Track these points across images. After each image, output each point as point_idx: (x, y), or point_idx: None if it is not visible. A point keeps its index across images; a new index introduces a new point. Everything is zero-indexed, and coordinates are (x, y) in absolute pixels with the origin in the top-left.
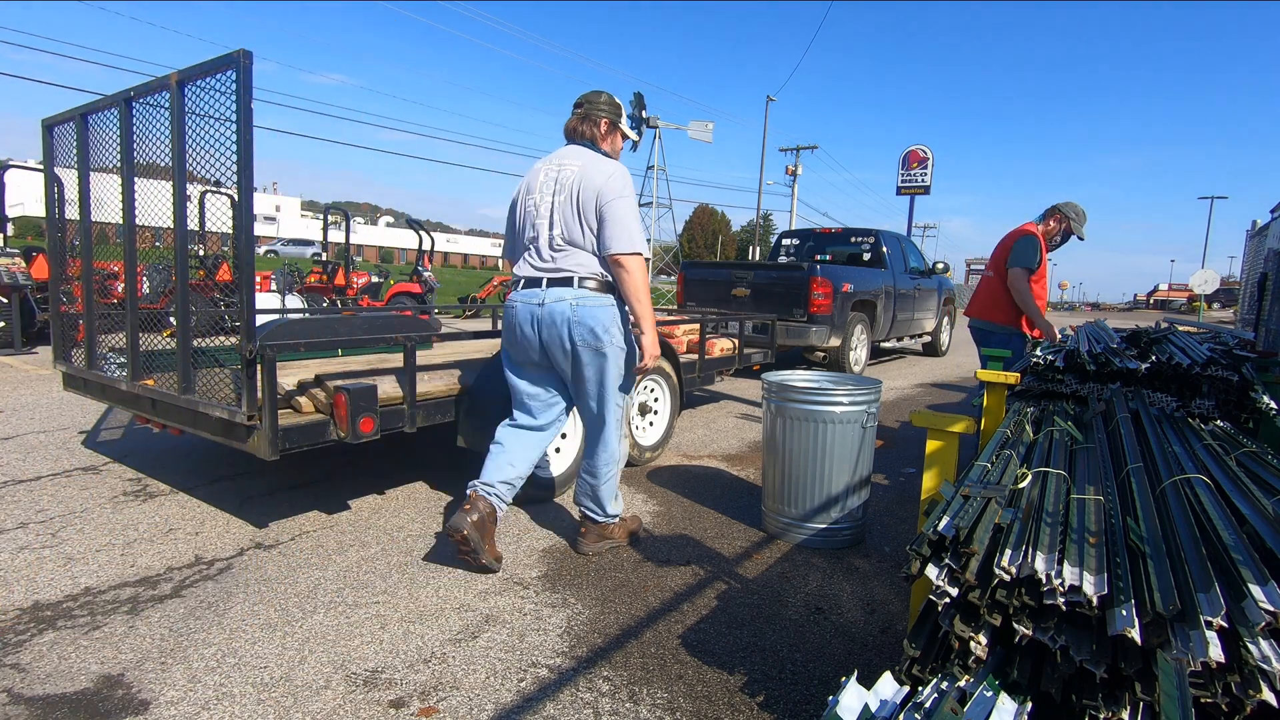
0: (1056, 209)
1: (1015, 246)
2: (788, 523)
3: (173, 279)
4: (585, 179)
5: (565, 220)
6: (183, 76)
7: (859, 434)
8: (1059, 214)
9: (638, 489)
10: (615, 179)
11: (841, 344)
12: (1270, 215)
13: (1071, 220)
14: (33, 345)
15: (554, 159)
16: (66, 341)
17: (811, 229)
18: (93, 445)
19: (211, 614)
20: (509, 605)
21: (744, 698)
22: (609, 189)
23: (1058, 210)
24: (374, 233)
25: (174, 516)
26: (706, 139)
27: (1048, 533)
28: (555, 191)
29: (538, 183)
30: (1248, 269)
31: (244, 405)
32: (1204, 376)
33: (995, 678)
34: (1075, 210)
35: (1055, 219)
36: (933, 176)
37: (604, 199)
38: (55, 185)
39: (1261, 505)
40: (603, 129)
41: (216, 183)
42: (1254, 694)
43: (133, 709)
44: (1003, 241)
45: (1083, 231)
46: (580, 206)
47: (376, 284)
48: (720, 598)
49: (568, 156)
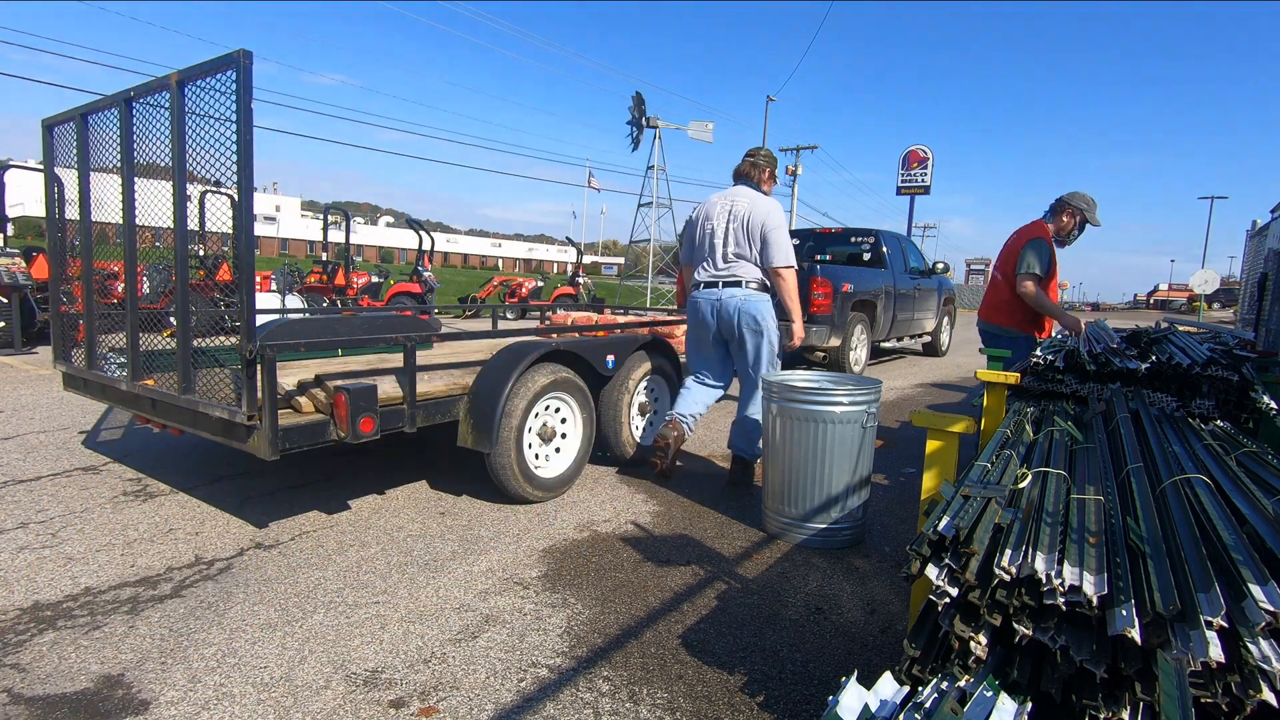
0: (1065, 203)
1: (1022, 254)
2: (788, 523)
3: (173, 279)
4: (754, 211)
5: (737, 240)
6: (183, 76)
7: (859, 434)
8: (1069, 208)
9: (638, 489)
10: (775, 213)
11: (841, 344)
12: (1270, 215)
13: (1084, 210)
14: (33, 345)
15: (729, 195)
16: (66, 341)
17: (811, 229)
18: (93, 445)
19: (211, 614)
20: (509, 605)
21: (744, 698)
22: (770, 221)
23: (1067, 205)
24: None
25: (174, 516)
26: (706, 139)
27: (1048, 533)
28: (730, 219)
29: (715, 211)
30: (1248, 269)
31: (244, 405)
32: (1204, 376)
33: (995, 678)
34: (1084, 200)
35: (1067, 214)
36: (933, 176)
37: (767, 227)
38: (55, 185)
39: (1261, 505)
40: (765, 175)
41: (216, 183)
42: (1254, 694)
43: (133, 709)
44: (1010, 243)
45: (1096, 217)
46: (749, 231)
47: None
48: (720, 598)
49: (739, 194)
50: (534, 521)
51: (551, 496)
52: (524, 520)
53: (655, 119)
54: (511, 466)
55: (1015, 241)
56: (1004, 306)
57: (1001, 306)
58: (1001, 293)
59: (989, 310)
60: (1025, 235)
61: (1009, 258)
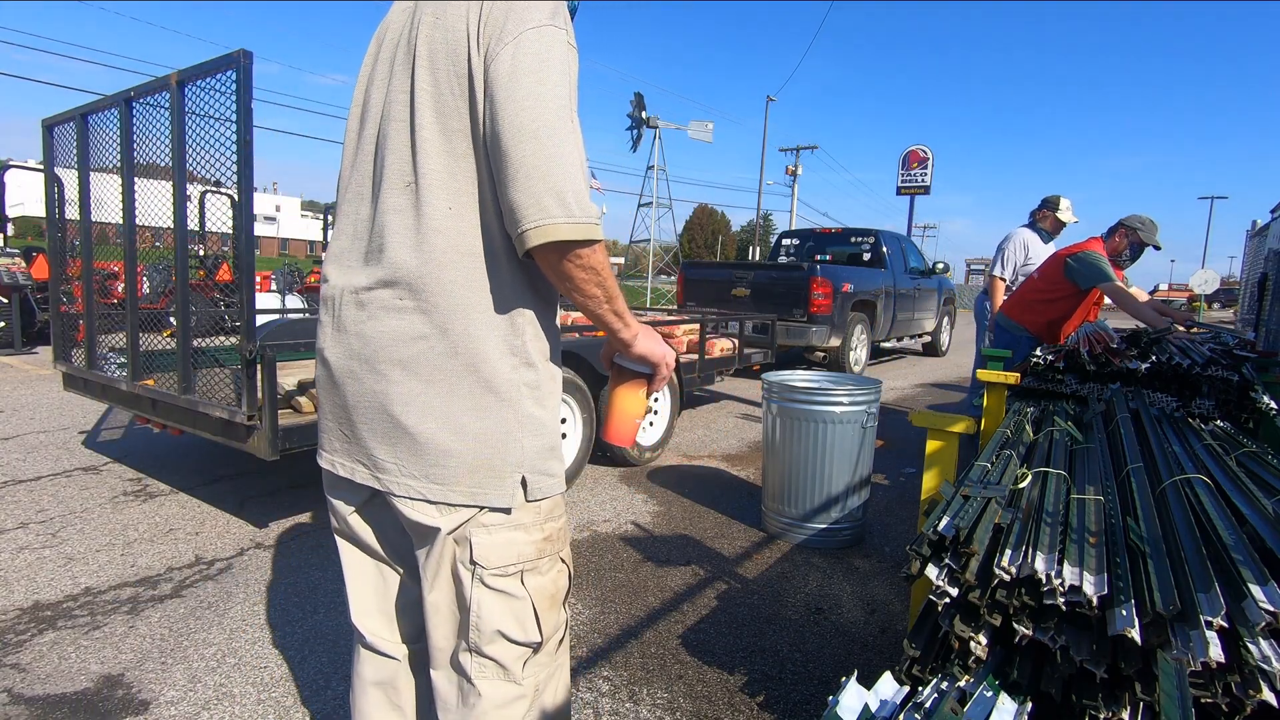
0: (1121, 224)
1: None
2: (788, 523)
3: (173, 279)
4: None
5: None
6: (183, 76)
7: (859, 434)
8: (1124, 228)
9: (638, 489)
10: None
11: (841, 344)
12: (1270, 215)
13: (1140, 231)
14: (33, 345)
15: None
16: (66, 341)
17: (811, 229)
18: (93, 445)
19: (211, 614)
20: None
21: (744, 698)
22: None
23: (1122, 225)
24: None
25: (174, 516)
26: (706, 139)
27: (1048, 533)
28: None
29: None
30: (1248, 269)
31: (244, 405)
32: (1204, 377)
33: (995, 678)
34: (1143, 221)
35: (1120, 234)
36: (933, 176)
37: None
38: (55, 185)
39: (1261, 505)
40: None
41: (216, 183)
42: (1254, 694)
43: (133, 709)
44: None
45: (1156, 239)
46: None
47: None
48: (720, 598)
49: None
50: None
51: None
52: None
53: (655, 119)
54: None
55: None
56: (1029, 307)
57: (1026, 306)
58: (1030, 294)
59: (1013, 306)
60: (1083, 248)
61: (1056, 265)
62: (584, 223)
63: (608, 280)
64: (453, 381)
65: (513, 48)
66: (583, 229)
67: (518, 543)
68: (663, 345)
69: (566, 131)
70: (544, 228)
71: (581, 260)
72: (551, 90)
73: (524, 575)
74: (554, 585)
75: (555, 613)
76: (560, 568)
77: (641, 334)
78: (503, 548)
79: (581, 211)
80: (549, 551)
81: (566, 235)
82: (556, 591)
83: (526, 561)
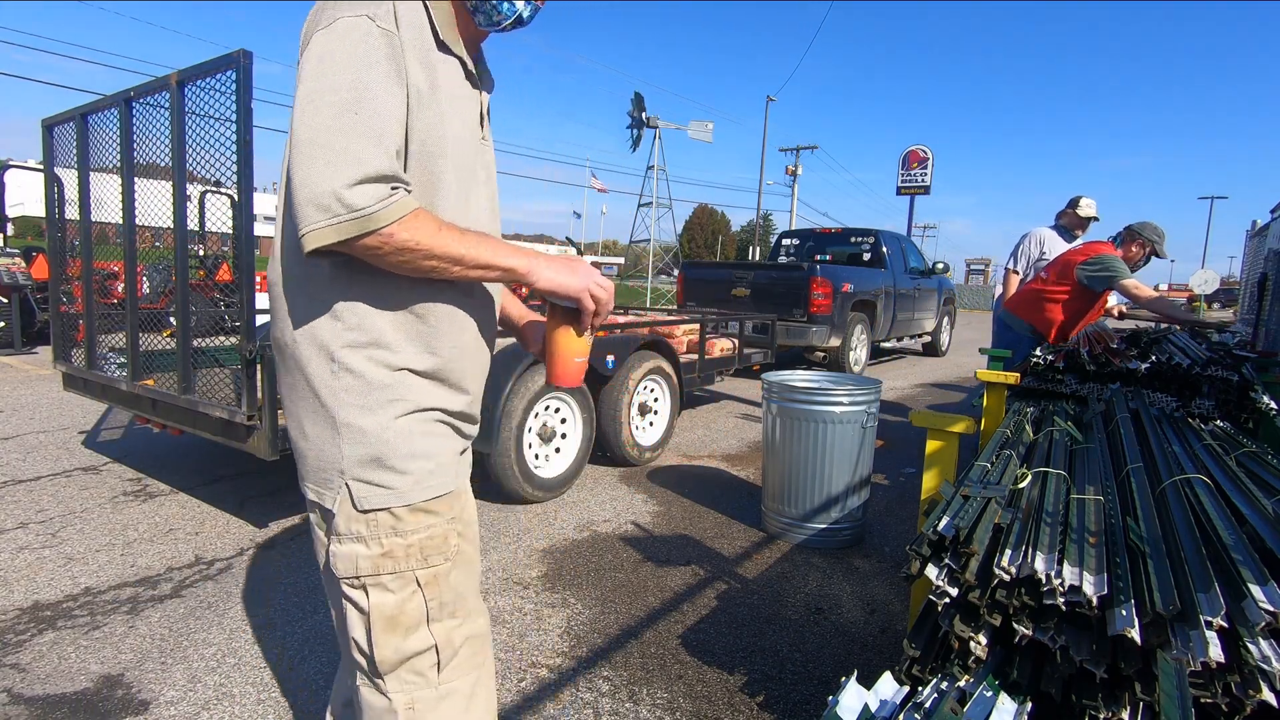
0: (1135, 234)
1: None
2: (788, 523)
3: (173, 279)
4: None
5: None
6: (183, 76)
7: (859, 434)
8: (1140, 239)
9: (638, 489)
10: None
11: (841, 344)
12: (1270, 215)
13: (1155, 242)
14: (33, 345)
15: None
16: (66, 341)
17: (811, 229)
18: (93, 445)
19: (211, 614)
20: (509, 605)
21: (744, 698)
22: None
23: (1138, 235)
24: None
25: (174, 516)
26: (706, 139)
27: (1048, 533)
28: None
29: None
30: (1248, 269)
31: (244, 405)
32: (1204, 377)
33: (995, 678)
34: (1155, 230)
35: (1137, 244)
36: (933, 176)
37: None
38: (55, 185)
39: (1261, 505)
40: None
41: (216, 183)
42: (1254, 694)
43: (133, 709)
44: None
45: (1164, 250)
46: None
47: None
48: (720, 598)
49: None
50: (534, 521)
51: (551, 496)
52: (524, 520)
53: (655, 119)
54: (511, 467)
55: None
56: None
57: (1031, 303)
58: (1035, 291)
59: (1018, 303)
60: (1098, 249)
61: (1065, 267)
62: (348, 220)
63: (437, 246)
64: (292, 381)
65: (305, 54)
66: (348, 227)
67: (357, 555)
68: (578, 275)
69: (336, 130)
70: (310, 234)
71: (382, 249)
72: (328, 85)
73: (368, 589)
74: (397, 608)
75: (395, 636)
76: (413, 590)
77: (542, 266)
78: (345, 558)
79: (347, 209)
80: (390, 569)
81: (332, 239)
82: (399, 615)
83: (366, 575)
